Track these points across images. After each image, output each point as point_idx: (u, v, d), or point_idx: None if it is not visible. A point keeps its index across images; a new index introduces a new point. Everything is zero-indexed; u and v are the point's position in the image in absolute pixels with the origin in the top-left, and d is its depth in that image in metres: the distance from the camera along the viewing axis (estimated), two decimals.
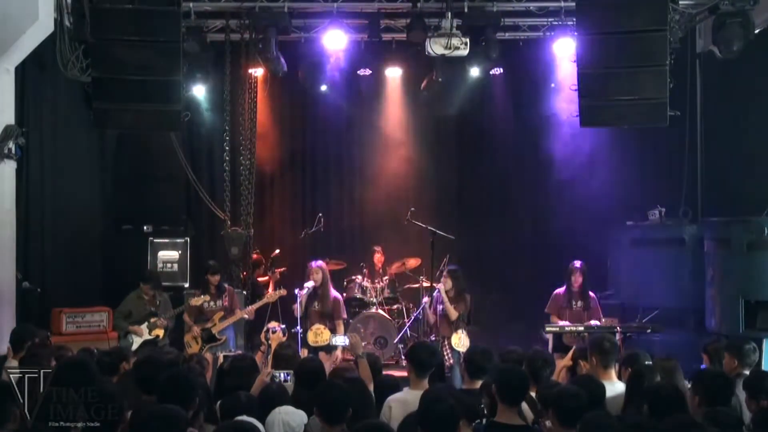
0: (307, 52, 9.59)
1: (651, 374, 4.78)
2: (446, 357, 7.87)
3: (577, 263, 8.09)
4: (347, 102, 11.37)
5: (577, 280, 8.01)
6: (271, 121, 11.18)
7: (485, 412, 4.35)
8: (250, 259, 10.08)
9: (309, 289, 7.92)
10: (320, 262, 8.19)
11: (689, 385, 5.12)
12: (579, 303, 8.03)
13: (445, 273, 8.26)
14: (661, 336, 7.74)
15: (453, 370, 7.78)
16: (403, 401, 4.57)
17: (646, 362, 5.16)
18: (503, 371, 4.44)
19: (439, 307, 8.16)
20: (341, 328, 8.07)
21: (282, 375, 5.04)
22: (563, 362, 6.14)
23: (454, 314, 7.97)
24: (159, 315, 8.24)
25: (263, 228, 10.97)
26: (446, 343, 7.98)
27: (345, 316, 8.43)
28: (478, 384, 4.87)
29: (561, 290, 8.12)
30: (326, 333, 7.78)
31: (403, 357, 8.78)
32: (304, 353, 7.25)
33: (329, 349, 7.76)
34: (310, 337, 7.80)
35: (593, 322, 7.76)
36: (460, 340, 7.90)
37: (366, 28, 9.33)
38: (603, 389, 4.48)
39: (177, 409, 3.44)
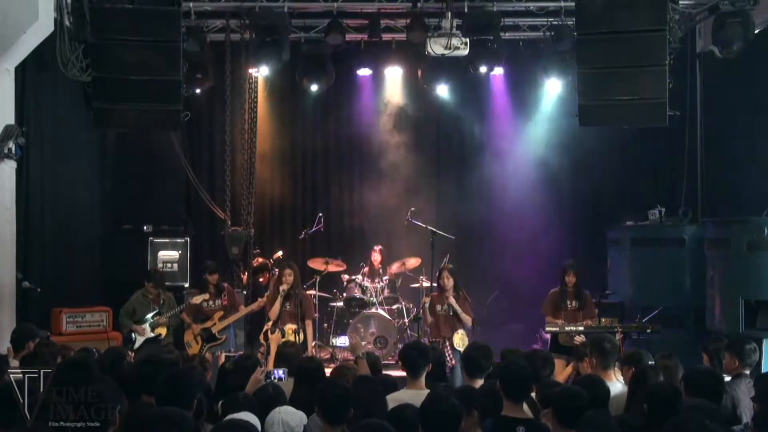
0: (307, 52, 9.60)
1: (654, 374, 4.78)
2: (448, 357, 7.74)
3: (570, 262, 8.04)
4: (347, 102, 11.38)
5: (571, 280, 7.92)
6: (271, 121, 11.18)
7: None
8: (251, 259, 10.07)
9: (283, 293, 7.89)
10: (293, 264, 8.17)
11: None
12: (573, 302, 7.91)
13: (445, 272, 7.93)
14: (661, 336, 7.74)
15: (455, 369, 7.64)
16: (399, 401, 4.56)
17: (649, 362, 5.16)
18: (507, 366, 4.52)
19: (438, 307, 7.95)
20: (311, 328, 8.07)
21: (277, 373, 4.97)
22: (566, 371, 6.11)
23: (469, 319, 7.82)
24: (162, 313, 8.25)
25: (263, 228, 10.97)
26: (447, 344, 7.88)
27: (315, 315, 8.69)
28: (478, 383, 4.87)
29: (555, 290, 8.03)
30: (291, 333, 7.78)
31: None
32: None
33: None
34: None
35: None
36: (462, 340, 7.83)
37: (366, 28, 9.34)
38: (607, 390, 4.46)
39: (182, 413, 3.42)
